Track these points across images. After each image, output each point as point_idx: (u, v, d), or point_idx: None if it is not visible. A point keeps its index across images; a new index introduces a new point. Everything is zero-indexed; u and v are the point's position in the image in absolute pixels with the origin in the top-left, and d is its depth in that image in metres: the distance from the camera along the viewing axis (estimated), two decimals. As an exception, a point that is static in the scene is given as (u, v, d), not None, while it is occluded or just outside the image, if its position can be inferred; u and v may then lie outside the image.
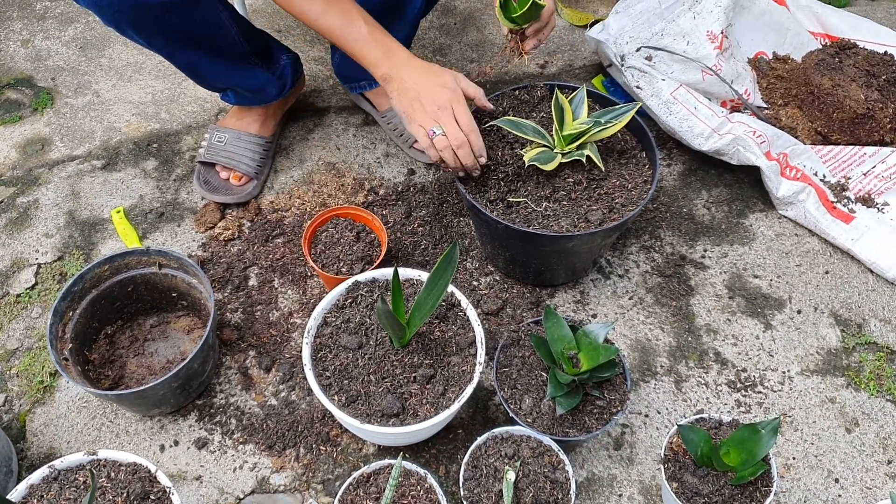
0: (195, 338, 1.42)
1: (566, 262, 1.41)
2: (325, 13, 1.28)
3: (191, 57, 1.45)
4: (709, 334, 1.45)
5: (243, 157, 1.60)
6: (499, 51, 1.91)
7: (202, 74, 1.52)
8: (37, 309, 1.49)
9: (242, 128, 1.64)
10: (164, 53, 1.44)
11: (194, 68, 1.50)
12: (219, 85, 1.56)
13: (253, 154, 1.61)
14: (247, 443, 1.33)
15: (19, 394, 1.39)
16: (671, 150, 1.70)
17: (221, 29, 1.42)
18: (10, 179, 1.69)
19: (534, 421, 1.22)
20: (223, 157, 1.60)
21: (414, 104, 1.29)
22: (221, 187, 1.61)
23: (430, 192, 1.64)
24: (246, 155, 1.61)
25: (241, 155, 1.60)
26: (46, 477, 1.12)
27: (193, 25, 1.37)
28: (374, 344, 1.24)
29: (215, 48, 1.45)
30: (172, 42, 1.40)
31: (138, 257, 1.37)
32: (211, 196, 1.60)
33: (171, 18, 1.32)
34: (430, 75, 1.30)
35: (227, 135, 1.62)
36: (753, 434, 1.13)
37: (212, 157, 1.61)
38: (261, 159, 1.63)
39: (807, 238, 1.58)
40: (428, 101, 1.28)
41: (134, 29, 1.33)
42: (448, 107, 1.28)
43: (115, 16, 1.30)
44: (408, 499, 1.15)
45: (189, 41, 1.40)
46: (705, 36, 1.63)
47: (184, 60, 1.47)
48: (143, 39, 1.37)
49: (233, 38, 1.45)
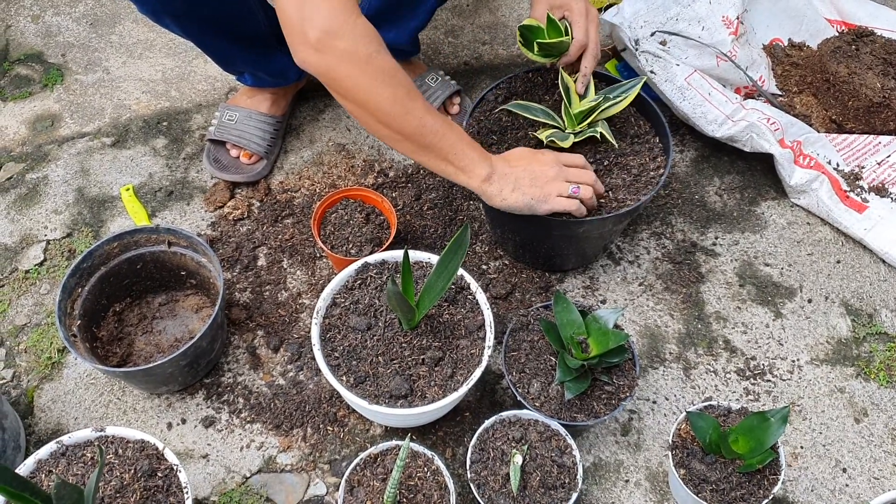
0: (203, 317, 1.42)
1: (577, 247, 1.40)
2: (420, 151, 1.20)
3: (220, 43, 1.46)
4: (718, 322, 1.44)
5: (254, 135, 1.60)
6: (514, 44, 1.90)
7: (229, 59, 1.53)
8: (45, 285, 1.49)
9: (253, 106, 1.63)
10: (195, 40, 1.45)
11: (223, 54, 1.51)
12: (242, 68, 1.57)
13: (263, 133, 1.61)
14: (254, 422, 1.33)
15: (27, 369, 1.40)
16: (684, 136, 1.69)
17: (250, 14, 1.43)
18: (19, 155, 1.68)
19: (542, 405, 1.22)
20: (233, 136, 1.59)
21: (535, 180, 1.22)
22: (231, 166, 1.61)
23: (439, 176, 1.63)
24: (256, 134, 1.60)
25: (252, 134, 1.60)
26: (54, 452, 1.13)
27: (224, 12, 1.37)
28: (382, 325, 1.23)
29: (243, 33, 1.46)
30: (205, 29, 1.41)
31: (148, 235, 1.36)
32: (220, 174, 1.60)
33: (204, 5, 1.33)
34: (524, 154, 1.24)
35: (237, 113, 1.61)
36: (763, 422, 1.13)
37: (222, 135, 1.60)
38: (271, 139, 1.62)
39: (819, 227, 1.57)
40: (545, 170, 1.22)
41: (171, 18, 1.35)
42: (560, 166, 1.23)
43: (155, 6, 1.31)
44: (415, 480, 1.15)
45: (219, 27, 1.41)
46: (721, 21, 1.62)
47: (213, 45, 1.48)
48: (179, 28, 1.39)
49: (259, 24, 1.45)
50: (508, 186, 1.22)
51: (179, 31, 1.39)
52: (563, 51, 1.29)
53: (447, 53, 1.86)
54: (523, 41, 1.32)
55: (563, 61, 1.31)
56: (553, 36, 1.27)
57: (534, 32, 1.29)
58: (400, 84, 1.13)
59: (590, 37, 1.29)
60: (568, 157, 1.26)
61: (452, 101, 1.68)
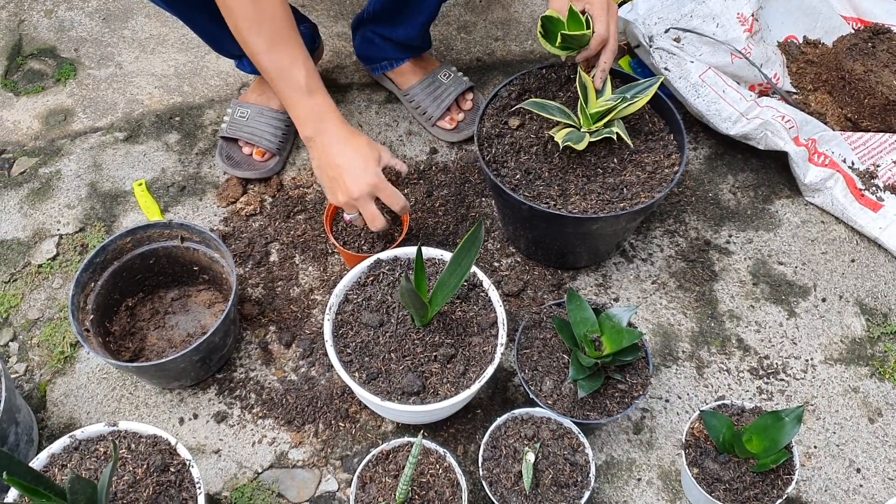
0: (216, 312, 1.42)
1: (590, 244, 1.40)
2: (269, 51, 1.24)
3: (209, 23, 1.44)
4: (732, 320, 1.43)
5: (265, 132, 1.59)
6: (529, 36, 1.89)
7: (219, 39, 1.52)
8: (58, 280, 1.50)
9: (264, 103, 1.63)
10: (183, 18, 1.44)
11: (213, 34, 1.50)
12: (233, 50, 1.55)
13: (275, 130, 1.61)
14: (266, 417, 1.33)
15: (40, 364, 1.40)
16: (697, 133, 1.68)
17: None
18: (32, 150, 1.69)
19: (554, 403, 1.21)
20: (245, 133, 1.59)
21: (334, 185, 1.29)
22: (244, 162, 1.60)
23: (452, 172, 1.63)
24: (268, 131, 1.60)
25: (264, 131, 1.60)
26: (67, 447, 1.13)
27: None
28: (395, 322, 1.23)
29: None
30: (191, 7, 1.41)
31: (161, 230, 1.37)
32: (233, 171, 1.60)
33: None
34: (353, 154, 1.27)
35: (249, 110, 1.61)
36: (777, 421, 1.12)
37: (234, 133, 1.60)
38: (283, 135, 1.62)
39: (833, 225, 1.56)
40: (349, 185, 1.27)
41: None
42: (368, 196, 1.28)
43: None
44: (427, 477, 1.15)
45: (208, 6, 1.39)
46: (735, 18, 1.61)
47: (202, 26, 1.47)
48: (165, 4, 1.38)
49: None
50: (316, 161, 1.31)
51: (166, 6, 1.39)
52: (583, 44, 1.28)
53: (459, 49, 1.85)
54: (543, 32, 1.31)
55: (582, 55, 1.30)
56: (574, 29, 1.26)
57: (555, 24, 1.28)
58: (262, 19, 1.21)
59: (610, 31, 1.28)
60: (384, 192, 1.29)
61: (465, 98, 1.67)
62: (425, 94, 1.64)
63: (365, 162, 1.27)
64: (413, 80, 1.66)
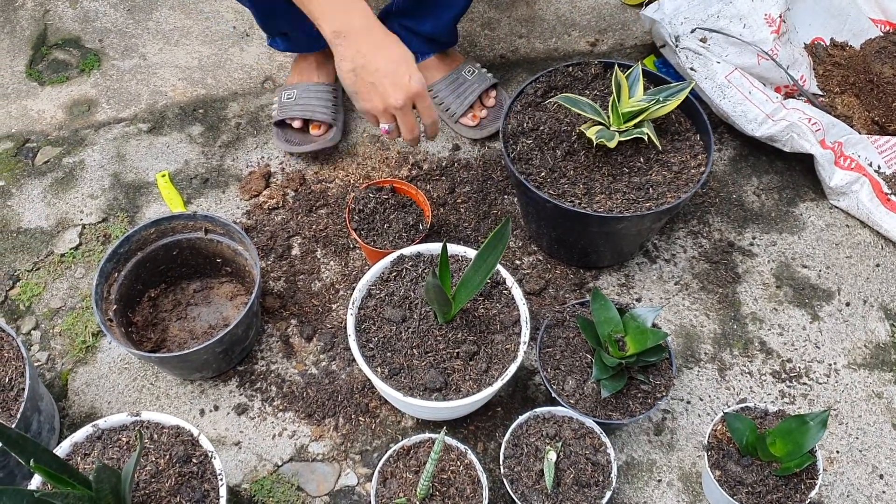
0: (238, 304, 1.42)
1: (614, 244, 1.39)
2: None
3: None
4: (754, 323, 1.42)
5: (317, 105, 1.60)
6: (549, 28, 1.88)
7: (272, 14, 1.51)
8: (80, 269, 1.50)
9: (304, 80, 1.64)
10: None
11: (268, 6, 1.48)
12: (282, 27, 1.55)
13: (325, 101, 1.61)
14: (286, 410, 1.33)
15: (62, 353, 1.40)
16: (722, 134, 1.67)
17: None
18: (56, 139, 1.69)
19: (577, 402, 1.21)
20: (297, 111, 1.60)
21: (372, 91, 1.18)
22: (304, 140, 1.61)
23: (474, 169, 1.62)
24: (318, 103, 1.60)
25: (315, 104, 1.60)
26: (90, 436, 1.13)
27: None
28: (417, 318, 1.23)
29: None
30: None
31: (185, 221, 1.37)
32: (297, 149, 1.60)
33: None
34: (397, 56, 1.16)
35: (294, 90, 1.62)
36: (801, 425, 1.11)
37: (286, 114, 1.60)
38: (333, 105, 1.63)
39: (858, 229, 1.54)
40: (393, 92, 1.17)
41: None
42: (409, 105, 1.19)
43: None
44: (447, 473, 1.15)
45: None
46: (763, 19, 1.60)
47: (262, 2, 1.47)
48: None
49: None
50: (348, 63, 1.16)
51: None
52: None
53: (483, 46, 1.85)
54: None
55: None
56: None
57: None
58: None
59: None
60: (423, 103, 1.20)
61: (489, 95, 1.67)
62: (449, 90, 1.64)
63: (408, 66, 1.17)
64: (437, 76, 1.66)
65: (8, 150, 1.67)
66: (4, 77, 1.80)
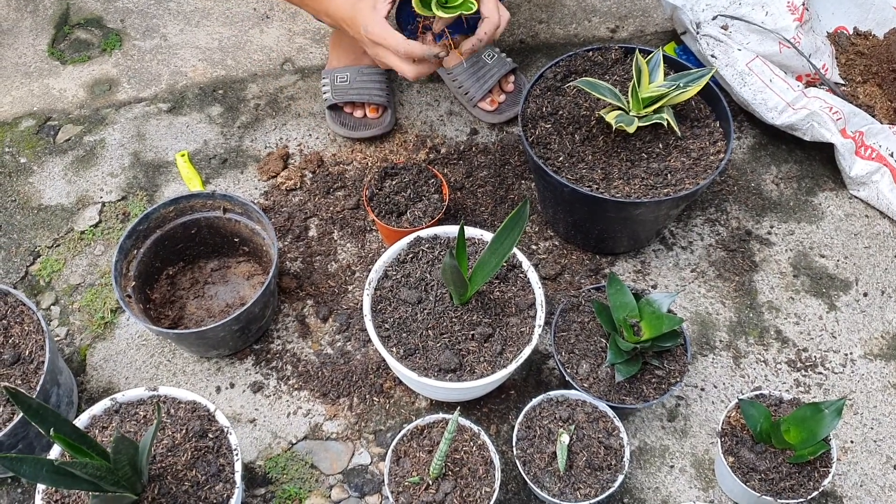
0: (255, 284, 1.43)
1: (630, 229, 1.39)
2: None
3: None
4: (770, 311, 1.42)
5: (373, 89, 1.60)
6: None
7: None
8: (99, 246, 1.52)
9: (355, 62, 1.63)
10: None
11: None
12: None
13: (380, 84, 1.62)
14: (301, 389, 1.34)
15: (80, 328, 1.42)
16: (741, 122, 1.66)
17: None
18: (77, 118, 1.70)
19: (590, 386, 1.21)
20: (354, 95, 1.60)
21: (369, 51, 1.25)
22: (361, 125, 1.61)
23: (492, 153, 1.62)
24: (375, 87, 1.61)
25: (371, 88, 1.60)
26: (108, 409, 1.15)
27: None
28: (433, 300, 1.23)
29: None
30: None
31: (203, 200, 1.38)
32: (355, 134, 1.60)
33: None
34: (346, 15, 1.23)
35: (347, 73, 1.62)
36: (816, 413, 1.11)
37: (343, 98, 1.60)
38: (387, 87, 1.63)
39: (877, 220, 1.53)
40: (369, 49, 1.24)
41: None
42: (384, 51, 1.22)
43: None
44: (461, 453, 1.16)
45: None
46: (786, 7, 1.58)
47: None
48: None
49: None
50: None
51: None
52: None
53: (503, 30, 1.84)
54: None
55: None
56: None
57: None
58: None
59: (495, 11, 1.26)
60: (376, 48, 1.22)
61: (507, 79, 1.66)
62: (468, 74, 1.64)
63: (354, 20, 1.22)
64: (457, 59, 1.66)
65: (30, 128, 1.69)
66: (27, 56, 1.82)
